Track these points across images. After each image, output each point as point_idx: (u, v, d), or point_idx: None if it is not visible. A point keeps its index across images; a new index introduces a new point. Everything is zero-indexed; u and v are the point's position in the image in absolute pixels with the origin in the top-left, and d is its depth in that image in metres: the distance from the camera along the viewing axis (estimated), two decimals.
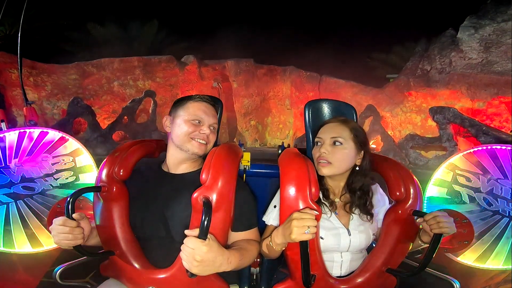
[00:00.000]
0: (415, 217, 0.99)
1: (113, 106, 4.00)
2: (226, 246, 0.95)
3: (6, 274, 1.58)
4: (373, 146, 3.62)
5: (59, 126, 2.84)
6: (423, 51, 3.57)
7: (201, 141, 1.03)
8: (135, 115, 3.67)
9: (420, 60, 3.48)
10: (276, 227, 1.01)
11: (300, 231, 0.80)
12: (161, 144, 1.20)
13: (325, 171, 1.03)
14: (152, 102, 3.82)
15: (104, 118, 3.83)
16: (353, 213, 1.05)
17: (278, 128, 5.40)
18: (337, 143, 1.02)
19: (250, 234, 1.02)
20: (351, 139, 1.03)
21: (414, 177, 1.07)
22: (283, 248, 0.94)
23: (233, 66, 4.87)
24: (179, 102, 1.10)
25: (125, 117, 3.49)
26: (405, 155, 3.11)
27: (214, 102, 1.15)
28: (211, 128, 1.07)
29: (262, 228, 1.09)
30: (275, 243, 0.91)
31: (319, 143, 1.07)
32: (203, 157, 1.05)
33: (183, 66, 4.64)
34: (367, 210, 1.05)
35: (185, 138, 1.02)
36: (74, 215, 0.86)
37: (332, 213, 1.04)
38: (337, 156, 1.01)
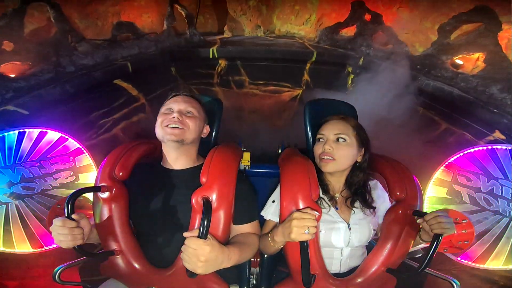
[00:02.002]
0: (415, 217, 0.99)
1: None
2: (227, 241, 0.96)
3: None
4: (460, 62, 2.55)
5: None
6: None
7: (172, 125, 1.01)
8: None
9: None
10: (276, 224, 1.01)
11: (300, 231, 0.80)
12: (160, 144, 1.20)
13: (328, 167, 1.03)
14: None
15: None
16: (355, 207, 1.06)
17: (293, 10, 3.78)
18: (340, 140, 1.03)
19: (251, 227, 1.03)
20: (353, 136, 1.05)
21: (414, 177, 1.07)
22: (282, 246, 0.94)
23: None
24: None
25: None
26: None
27: (196, 96, 1.14)
28: (186, 112, 1.05)
29: (261, 225, 1.08)
30: (274, 241, 0.91)
31: (321, 140, 1.08)
32: (203, 155, 1.05)
33: None
34: (368, 204, 1.06)
35: (159, 128, 1.04)
36: (73, 215, 0.86)
37: (332, 207, 1.05)
38: (341, 152, 1.02)
